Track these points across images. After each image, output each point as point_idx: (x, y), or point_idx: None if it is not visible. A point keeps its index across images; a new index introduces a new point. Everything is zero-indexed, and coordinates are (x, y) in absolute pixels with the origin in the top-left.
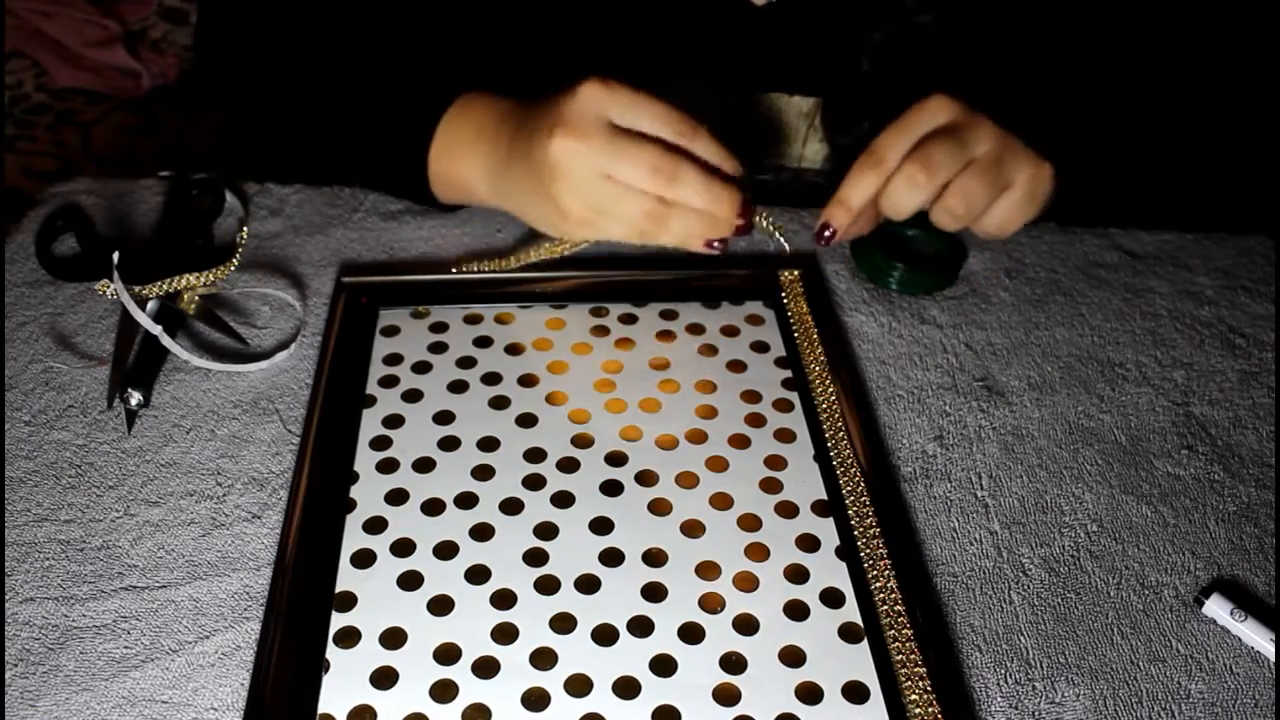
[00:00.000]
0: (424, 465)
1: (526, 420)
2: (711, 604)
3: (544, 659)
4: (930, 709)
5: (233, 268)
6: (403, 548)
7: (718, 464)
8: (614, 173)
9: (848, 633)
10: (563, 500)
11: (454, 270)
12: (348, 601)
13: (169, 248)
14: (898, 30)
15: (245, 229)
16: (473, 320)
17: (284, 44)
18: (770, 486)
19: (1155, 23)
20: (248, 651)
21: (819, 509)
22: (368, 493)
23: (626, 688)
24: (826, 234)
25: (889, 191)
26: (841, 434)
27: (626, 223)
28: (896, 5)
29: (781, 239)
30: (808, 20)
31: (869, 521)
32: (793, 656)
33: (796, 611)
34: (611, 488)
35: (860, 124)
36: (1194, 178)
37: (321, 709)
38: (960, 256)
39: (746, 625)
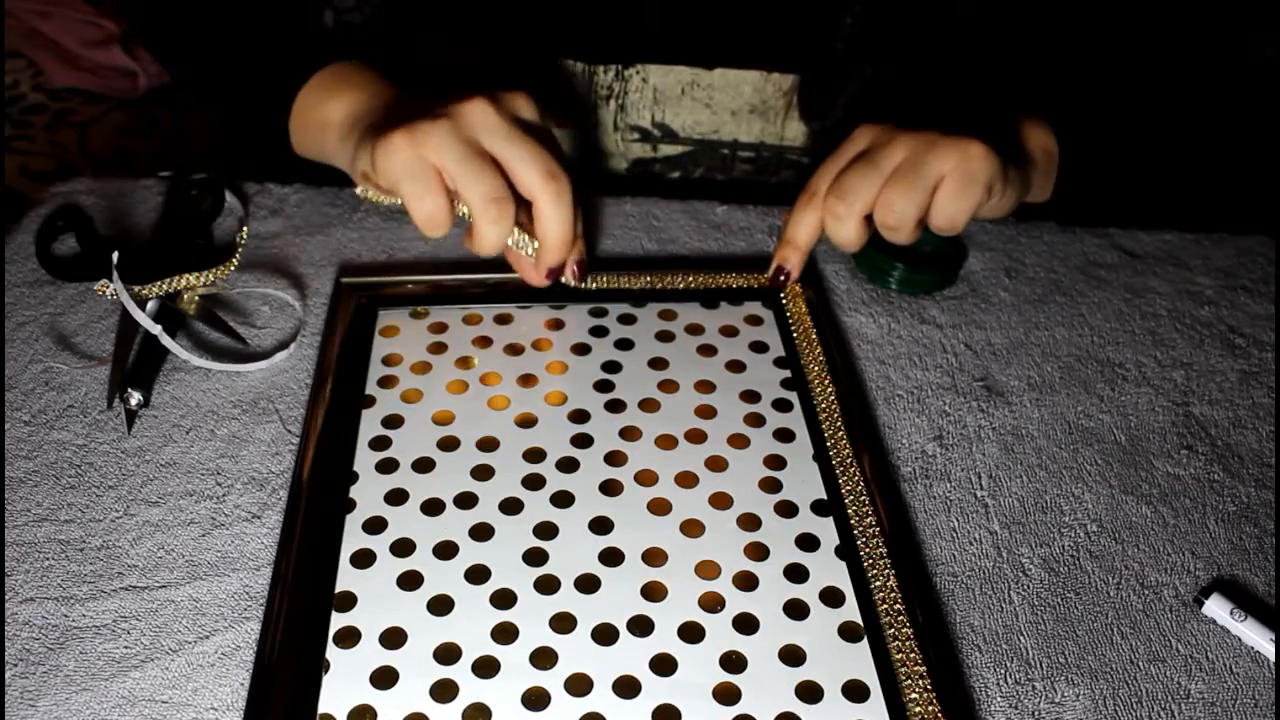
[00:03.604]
0: (423, 465)
1: (526, 420)
2: (711, 603)
3: (544, 659)
4: (930, 708)
5: (233, 268)
6: (402, 548)
7: (717, 464)
8: (454, 178)
9: (847, 632)
10: (562, 500)
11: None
12: (347, 601)
13: (169, 248)
14: (871, 13)
15: (245, 229)
16: (472, 320)
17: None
18: (770, 486)
19: (1155, 21)
20: (248, 651)
21: (818, 508)
22: (367, 493)
23: (626, 687)
24: (781, 277)
25: (826, 229)
26: (841, 434)
27: (419, 215)
28: None
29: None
30: None
31: (868, 521)
32: (792, 656)
33: (796, 611)
34: (611, 487)
35: (835, 107)
36: (1194, 177)
37: (321, 709)
38: (960, 256)
39: (746, 624)
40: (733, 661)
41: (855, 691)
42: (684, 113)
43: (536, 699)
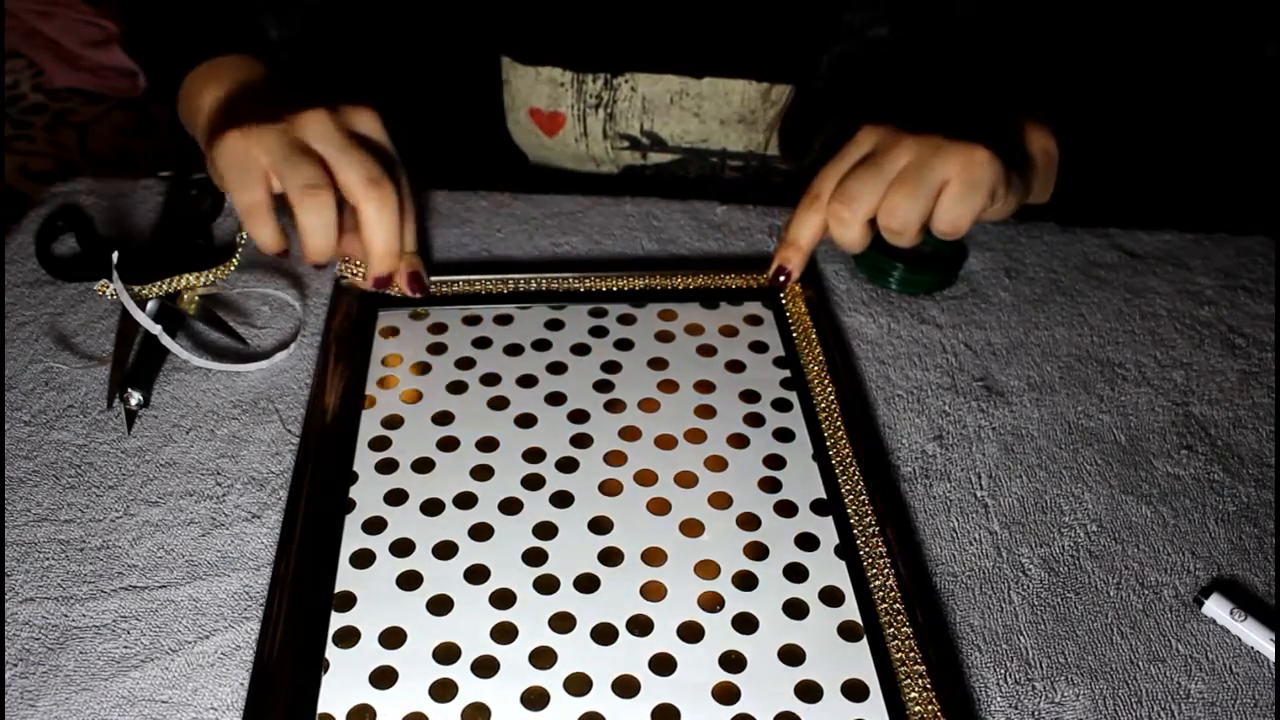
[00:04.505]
0: (423, 465)
1: (526, 420)
2: (710, 603)
3: (543, 658)
4: (930, 708)
5: (233, 268)
6: (402, 548)
7: (716, 463)
8: (276, 173)
9: (847, 631)
10: (562, 500)
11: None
12: (347, 601)
13: (169, 248)
14: (854, 43)
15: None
16: (472, 321)
17: None
18: (769, 486)
19: (1154, 21)
20: (248, 651)
21: (818, 508)
22: (367, 493)
23: (626, 687)
24: (782, 278)
25: (830, 232)
26: (840, 434)
27: (240, 206)
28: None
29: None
30: (771, 6)
31: (868, 521)
32: (792, 655)
33: (796, 610)
34: (610, 487)
35: (814, 147)
36: (1195, 177)
37: (321, 709)
38: (960, 256)
39: (746, 624)
40: (732, 661)
41: (855, 691)
42: (673, 121)
43: (536, 699)
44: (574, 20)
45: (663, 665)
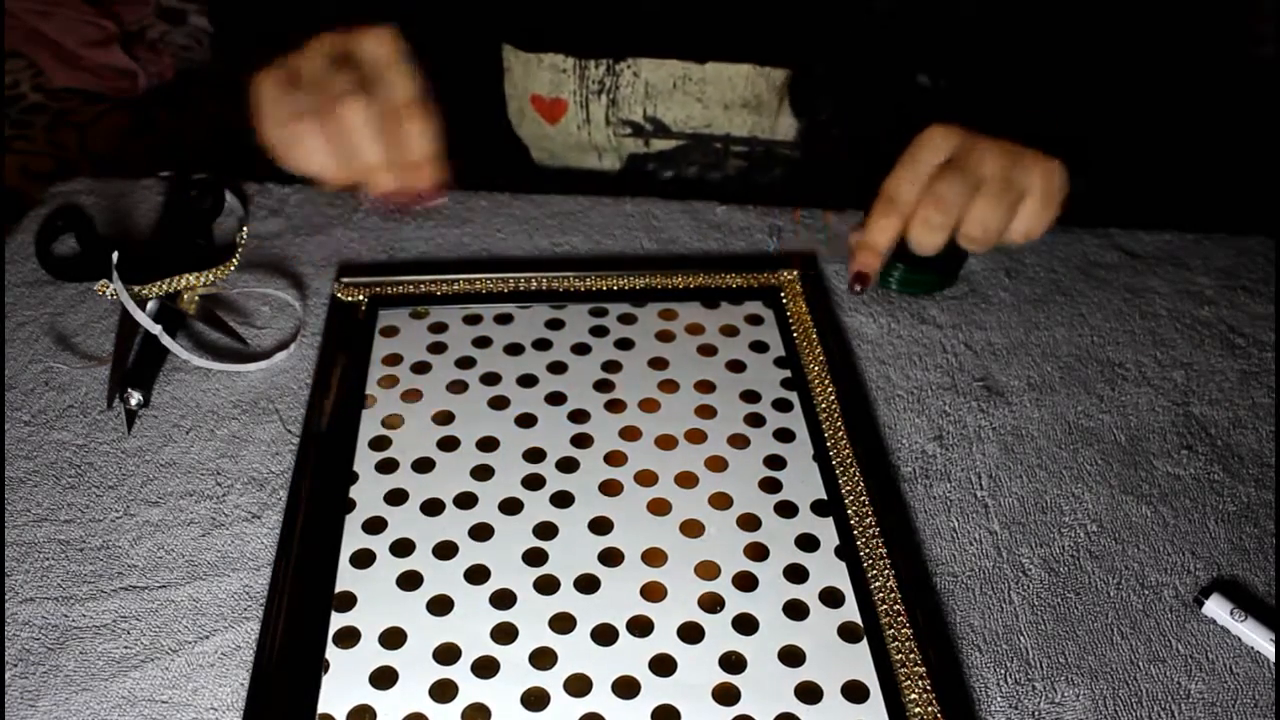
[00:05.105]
0: (423, 465)
1: (526, 420)
2: (711, 604)
3: (543, 659)
4: (930, 708)
5: (233, 268)
6: (402, 548)
7: (717, 464)
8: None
9: (847, 632)
10: (562, 500)
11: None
12: (347, 601)
13: (169, 248)
14: (866, 20)
15: (245, 229)
16: (472, 320)
17: None
18: (769, 486)
19: (1155, 21)
20: (248, 651)
21: (818, 509)
22: (367, 493)
23: (626, 687)
24: (858, 286)
25: (910, 235)
26: (841, 434)
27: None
28: None
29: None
30: None
31: (868, 521)
32: (792, 656)
33: (796, 611)
34: (611, 487)
35: (825, 103)
36: (1195, 177)
37: (321, 709)
38: (960, 257)
39: (746, 625)
40: (732, 662)
41: (855, 692)
42: (675, 107)
43: (536, 699)
44: (576, 6)
45: (663, 666)
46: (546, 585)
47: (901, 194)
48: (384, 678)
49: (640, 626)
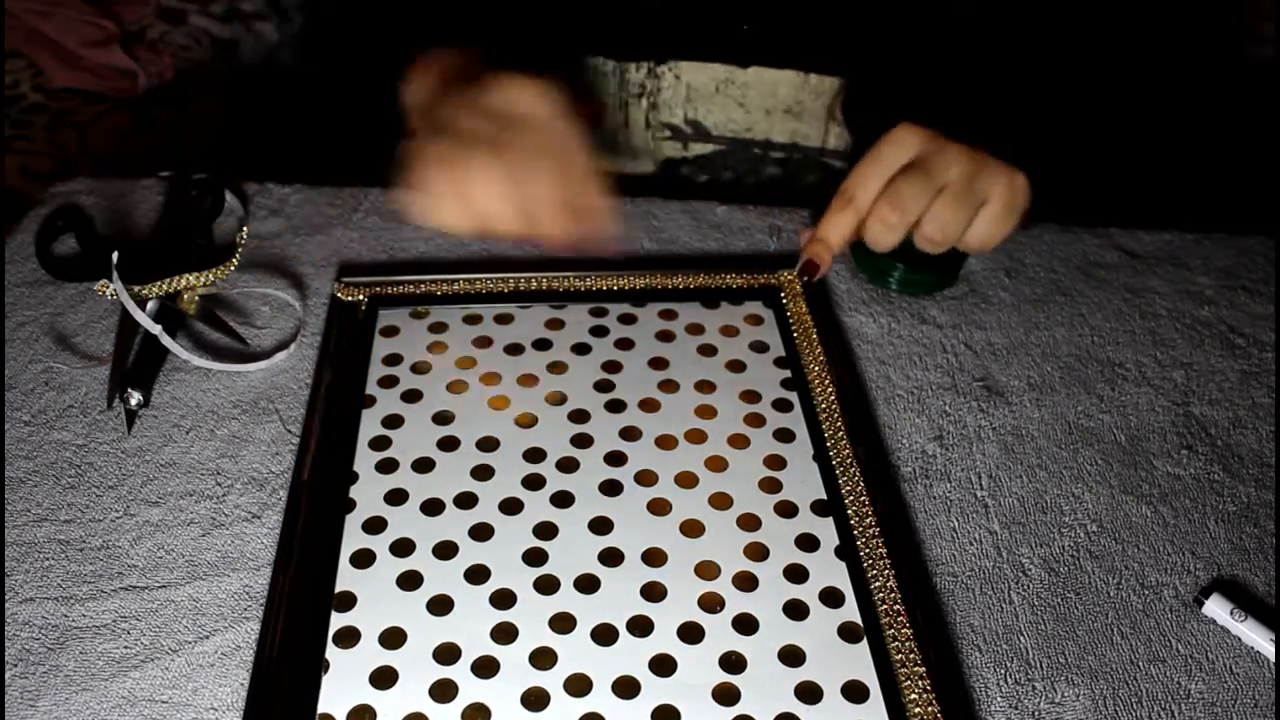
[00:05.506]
0: (423, 465)
1: (526, 420)
2: (711, 603)
3: (544, 659)
4: (930, 709)
5: (233, 268)
6: (402, 547)
7: (717, 464)
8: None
9: (847, 632)
10: (562, 500)
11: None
12: (347, 601)
13: (169, 248)
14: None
15: (245, 229)
16: (472, 320)
17: None
18: (770, 486)
19: (1155, 21)
20: (248, 651)
21: (818, 509)
22: (367, 493)
23: (626, 687)
24: (805, 277)
25: (866, 231)
26: (841, 434)
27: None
28: None
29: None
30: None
31: (868, 521)
32: (792, 656)
33: (796, 611)
34: (611, 488)
35: (875, 117)
36: (1195, 177)
37: (321, 709)
38: (960, 257)
39: (746, 625)
40: (732, 662)
41: (855, 692)
42: (716, 110)
43: (536, 699)
44: (619, 9)
45: (663, 666)
46: (546, 585)
47: (860, 191)
48: (384, 678)
49: (640, 626)
